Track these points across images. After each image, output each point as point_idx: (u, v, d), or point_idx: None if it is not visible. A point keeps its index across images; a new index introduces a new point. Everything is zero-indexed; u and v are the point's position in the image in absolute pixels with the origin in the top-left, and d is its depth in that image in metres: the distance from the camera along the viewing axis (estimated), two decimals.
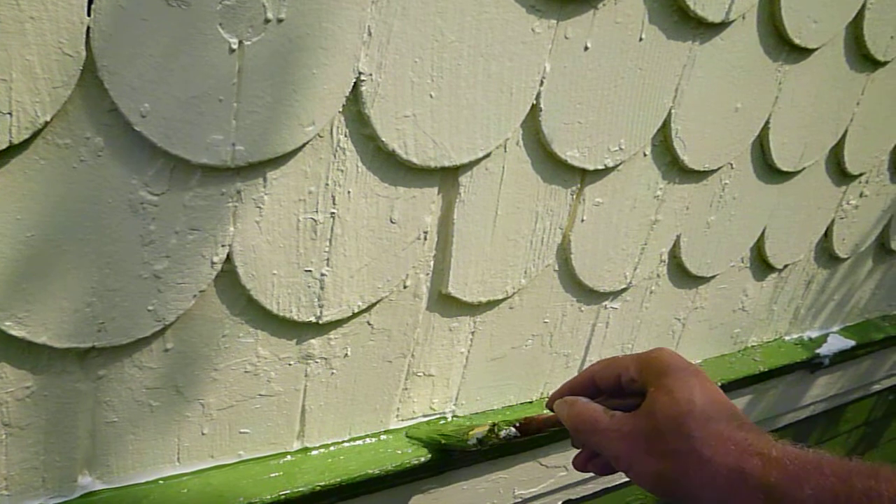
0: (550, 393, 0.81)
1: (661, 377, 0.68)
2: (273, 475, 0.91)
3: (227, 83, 0.67)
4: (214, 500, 0.86)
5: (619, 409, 0.71)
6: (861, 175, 1.44)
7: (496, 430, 0.91)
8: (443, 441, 1.01)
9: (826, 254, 1.54)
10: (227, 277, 0.78)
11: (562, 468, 1.29)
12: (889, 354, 1.97)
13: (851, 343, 1.71)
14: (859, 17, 1.16)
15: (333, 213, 0.81)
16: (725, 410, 0.66)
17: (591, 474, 1.24)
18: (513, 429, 0.89)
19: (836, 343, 1.70)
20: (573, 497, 1.39)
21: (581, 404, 0.74)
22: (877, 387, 2.09)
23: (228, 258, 0.77)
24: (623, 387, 0.73)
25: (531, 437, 0.89)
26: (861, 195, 1.48)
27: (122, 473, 0.83)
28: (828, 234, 1.49)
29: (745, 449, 0.62)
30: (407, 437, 1.04)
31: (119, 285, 0.71)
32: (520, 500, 1.27)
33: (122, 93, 0.62)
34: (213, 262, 0.75)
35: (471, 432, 0.95)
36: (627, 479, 1.46)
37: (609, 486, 1.46)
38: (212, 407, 0.85)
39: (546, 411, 0.82)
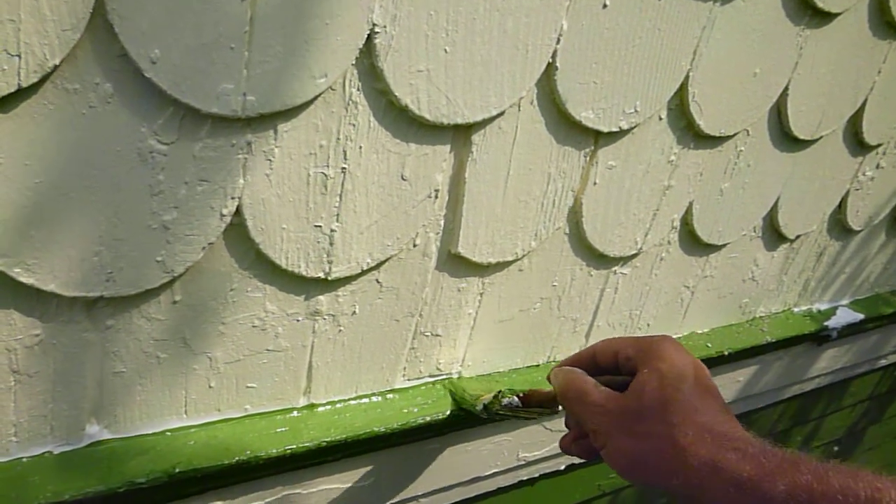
0: (557, 357, 0.82)
1: (655, 361, 0.68)
2: (279, 430, 0.91)
3: (238, 31, 0.66)
4: (220, 452, 0.86)
5: (612, 386, 0.72)
6: (879, 146, 1.41)
7: (500, 397, 0.93)
8: (460, 402, 1.04)
9: (839, 225, 1.52)
10: (237, 230, 0.78)
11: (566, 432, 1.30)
12: None
13: (860, 317, 1.70)
14: None
15: (344, 168, 0.80)
16: (713, 405, 0.66)
17: None
18: (515, 398, 0.91)
19: (845, 316, 1.69)
20: (577, 462, 1.40)
21: (575, 374, 0.75)
22: (883, 361, 2.08)
23: (238, 211, 0.76)
24: (619, 365, 0.74)
25: (532, 411, 0.91)
26: (878, 166, 1.46)
27: (128, 424, 0.83)
28: (842, 205, 1.47)
29: (723, 443, 0.61)
30: (446, 388, 1.07)
31: (127, 235, 0.70)
32: (523, 462, 1.27)
33: (132, 38, 0.61)
34: (222, 215, 0.75)
35: (480, 398, 0.98)
36: None
37: None
38: (219, 360, 0.85)
39: (551, 387, 0.82)
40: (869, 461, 2.74)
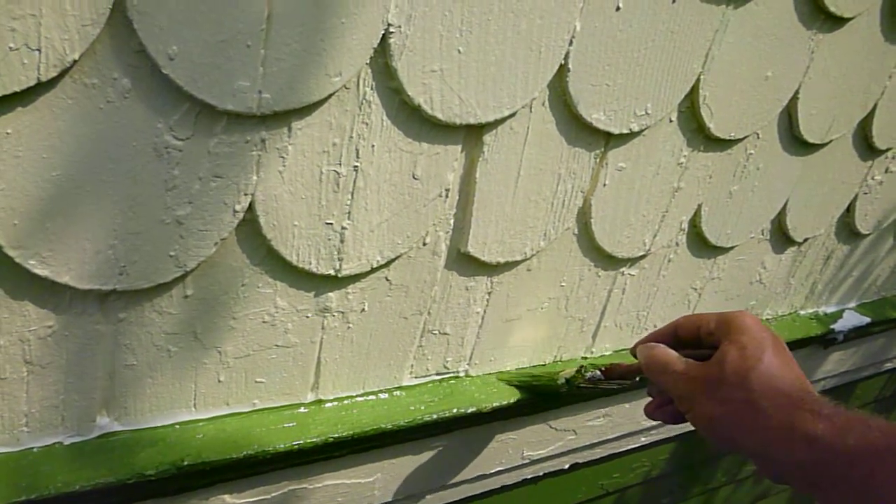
0: (564, 357, 0.83)
1: (737, 334, 0.73)
2: (287, 425, 0.92)
3: (255, 28, 0.66)
4: (229, 446, 0.87)
5: (693, 357, 0.77)
6: (888, 150, 1.41)
7: (583, 371, 0.97)
8: (534, 382, 1.07)
9: (847, 229, 1.52)
10: (249, 226, 0.78)
11: (570, 431, 1.30)
12: None
13: (867, 320, 1.70)
14: None
15: (357, 166, 0.80)
16: (790, 374, 0.71)
17: (600, 438, 1.25)
18: (598, 371, 0.96)
19: (852, 319, 1.69)
20: (580, 461, 1.41)
21: (659, 348, 0.81)
22: (889, 365, 2.08)
23: (250, 207, 0.76)
24: (701, 339, 0.79)
25: (612, 382, 0.95)
26: (887, 171, 1.46)
27: (139, 416, 0.84)
28: (850, 209, 1.47)
29: (798, 406, 0.67)
30: (498, 380, 1.10)
31: (141, 229, 0.71)
32: (528, 461, 1.28)
33: (151, 33, 0.62)
34: (235, 211, 0.75)
35: (561, 373, 1.01)
36: (634, 447, 1.47)
37: (616, 451, 1.47)
38: (229, 355, 0.86)
39: (632, 359, 0.88)
40: None
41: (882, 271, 1.74)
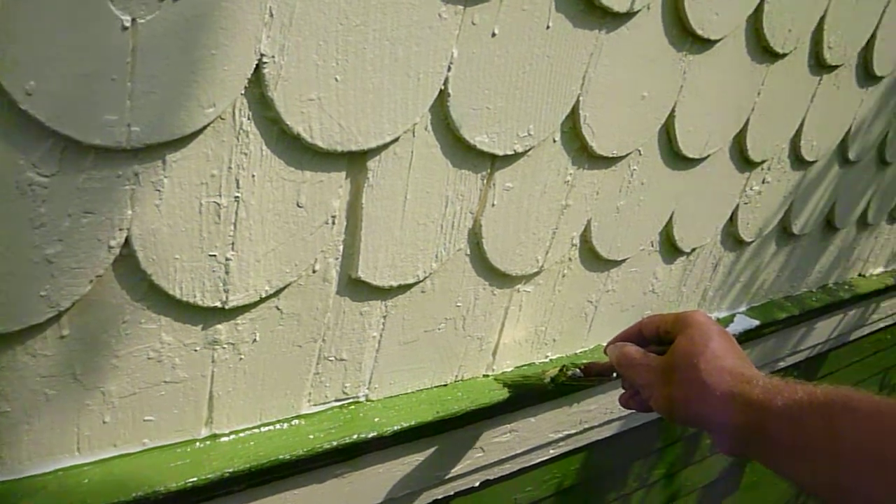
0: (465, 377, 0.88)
1: (688, 328, 0.87)
2: (179, 463, 0.90)
3: (120, 62, 0.65)
4: (117, 489, 0.84)
5: (655, 353, 0.92)
6: (763, 162, 1.50)
7: (565, 370, 1.16)
8: (524, 382, 1.23)
9: (732, 237, 1.60)
10: (127, 262, 0.76)
11: (478, 449, 1.31)
12: (792, 333, 2.07)
13: (756, 322, 1.79)
14: (759, 10, 1.20)
15: (237, 196, 0.79)
16: (733, 356, 0.84)
17: (509, 454, 1.27)
18: (578, 370, 1.14)
19: (743, 322, 1.77)
20: (490, 478, 1.42)
21: (626, 346, 0.96)
22: (781, 364, 2.19)
23: (127, 242, 0.75)
24: (661, 336, 0.93)
25: (592, 379, 1.14)
26: (763, 181, 1.55)
27: (16, 465, 0.80)
28: (733, 218, 1.55)
29: (739, 379, 0.79)
30: (495, 380, 1.25)
31: (8, 269, 0.68)
32: (437, 481, 1.28)
33: (5, 69, 0.60)
34: (110, 247, 0.73)
35: (546, 373, 1.21)
36: (544, 459, 1.50)
37: (526, 465, 1.49)
38: (113, 395, 0.83)
39: (605, 357, 1.03)
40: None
41: (768, 275, 1.84)
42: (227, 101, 0.73)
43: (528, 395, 1.26)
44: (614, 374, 1.06)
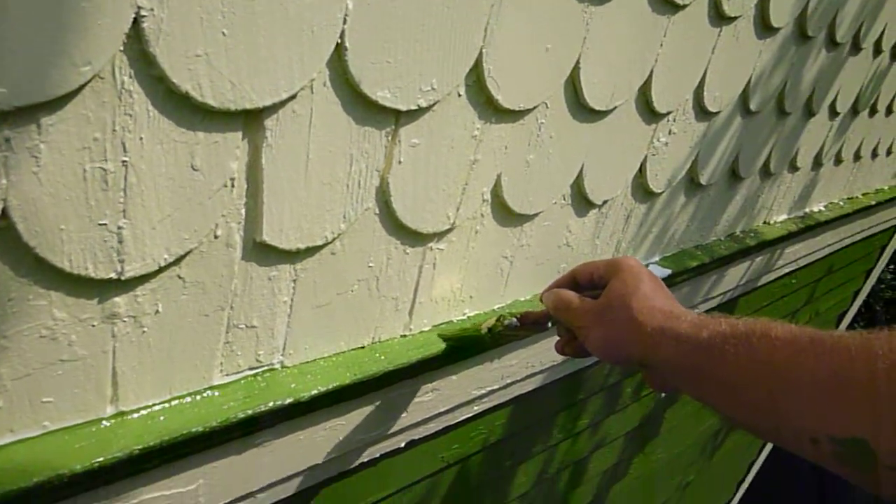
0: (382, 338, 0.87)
1: (620, 272, 0.91)
2: (84, 443, 0.86)
3: None
4: (17, 476, 0.80)
5: (588, 297, 0.95)
6: (669, 114, 1.53)
7: (502, 320, 1.14)
8: (463, 335, 1.23)
9: (642, 189, 1.63)
10: (7, 235, 0.72)
11: (402, 410, 1.32)
12: (704, 280, 2.14)
13: (669, 271, 1.84)
14: None
15: (125, 161, 0.75)
16: (662, 296, 0.88)
17: (432, 412, 1.27)
18: (514, 319, 1.13)
19: (656, 272, 1.82)
20: (416, 437, 1.43)
21: (562, 292, 0.99)
22: (695, 311, 2.27)
23: (4, 214, 0.70)
24: (594, 282, 0.97)
25: (529, 328, 1.12)
26: (670, 132, 1.58)
27: None
28: (642, 170, 1.58)
29: (669, 316, 0.83)
30: (439, 336, 1.26)
31: None
32: (361, 444, 1.28)
33: None
34: None
35: (483, 324, 1.18)
36: (469, 416, 1.51)
37: (451, 423, 1.50)
38: (5, 377, 0.79)
39: (541, 306, 1.06)
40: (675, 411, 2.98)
41: (679, 226, 1.89)
42: (104, 59, 0.69)
43: (459, 349, 1.28)
44: (549, 324, 1.07)
